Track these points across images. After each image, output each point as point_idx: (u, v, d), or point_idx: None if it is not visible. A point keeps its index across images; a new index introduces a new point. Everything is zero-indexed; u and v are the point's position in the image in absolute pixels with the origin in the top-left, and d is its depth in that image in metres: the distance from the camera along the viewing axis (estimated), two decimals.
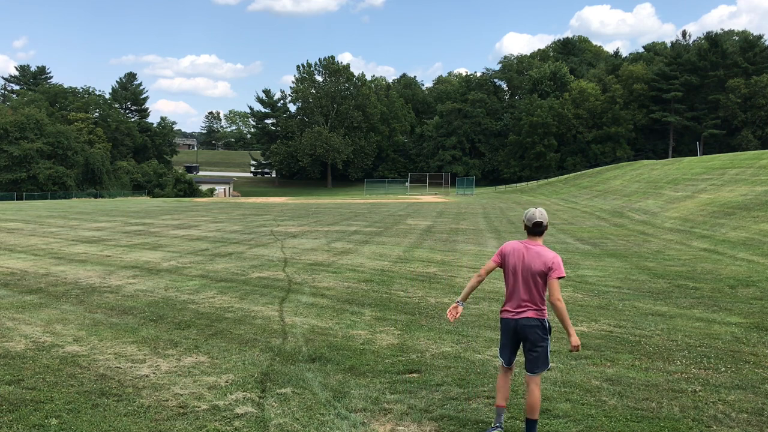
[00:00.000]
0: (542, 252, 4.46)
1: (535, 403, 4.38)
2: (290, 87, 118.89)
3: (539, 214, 4.53)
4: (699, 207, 25.04)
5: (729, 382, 5.64)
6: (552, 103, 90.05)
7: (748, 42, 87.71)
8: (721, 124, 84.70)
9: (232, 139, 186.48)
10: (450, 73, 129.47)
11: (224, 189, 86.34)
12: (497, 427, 4.47)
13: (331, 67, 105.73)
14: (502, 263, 4.58)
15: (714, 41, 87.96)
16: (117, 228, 23.44)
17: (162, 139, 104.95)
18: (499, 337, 4.66)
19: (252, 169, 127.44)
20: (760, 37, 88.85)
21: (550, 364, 4.68)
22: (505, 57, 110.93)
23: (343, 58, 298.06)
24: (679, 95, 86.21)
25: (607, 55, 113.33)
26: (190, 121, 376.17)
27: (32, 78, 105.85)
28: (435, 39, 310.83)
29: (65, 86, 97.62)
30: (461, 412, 4.91)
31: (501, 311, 4.62)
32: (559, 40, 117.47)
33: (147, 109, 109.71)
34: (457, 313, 4.64)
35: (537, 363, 4.41)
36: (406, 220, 27.41)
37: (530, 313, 4.42)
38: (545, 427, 4.63)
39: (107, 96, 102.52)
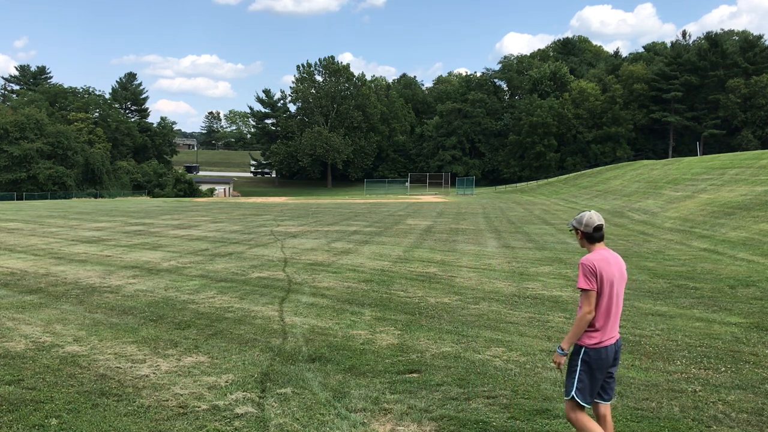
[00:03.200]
0: (620, 259, 4.00)
1: None
2: (290, 87, 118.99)
3: (597, 216, 3.97)
4: (699, 207, 25.03)
5: (729, 382, 5.64)
6: (552, 103, 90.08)
7: (748, 42, 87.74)
8: (721, 124, 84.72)
9: (232, 139, 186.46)
10: (450, 73, 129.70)
11: (224, 189, 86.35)
12: None
13: (331, 67, 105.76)
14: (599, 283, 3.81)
15: (714, 41, 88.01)
16: (117, 228, 23.44)
17: (162, 139, 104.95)
18: (579, 374, 3.84)
19: (252, 169, 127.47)
20: (760, 37, 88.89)
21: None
22: (505, 57, 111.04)
23: (344, 58, 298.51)
24: (679, 95, 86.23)
25: (607, 55, 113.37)
26: (190, 121, 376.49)
27: (32, 78, 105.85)
28: (436, 39, 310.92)
29: (65, 86, 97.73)
30: (461, 412, 4.91)
31: (595, 342, 3.81)
32: (559, 40, 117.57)
33: (147, 109, 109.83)
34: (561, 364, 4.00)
35: (614, 386, 4.07)
36: (406, 220, 27.40)
37: (619, 332, 3.97)
38: (545, 426, 4.63)
39: (107, 96, 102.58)
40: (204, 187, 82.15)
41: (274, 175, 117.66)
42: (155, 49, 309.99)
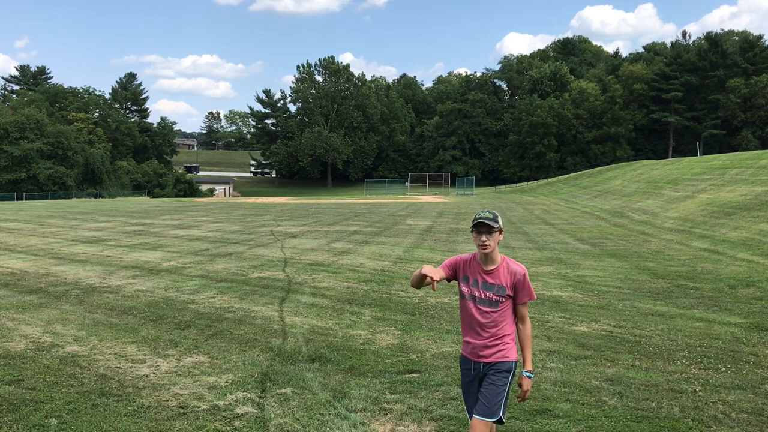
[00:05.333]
0: None
1: None
2: (290, 87, 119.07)
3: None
4: (699, 207, 25.04)
5: (729, 382, 5.64)
6: (552, 103, 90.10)
7: (748, 42, 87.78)
8: (721, 124, 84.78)
9: (232, 139, 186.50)
10: (450, 73, 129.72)
11: (224, 189, 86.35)
12: None
13: (330, 67, 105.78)
14: None
15: (714, 41, 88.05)
16: (117, 228, 23.44)
17: (162, 139, 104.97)
18: (507, 392, 3.54)
19: (252, 169, 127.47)
20: (760, 37, 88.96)
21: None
22: (505, 57, 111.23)
23: (345, 58, 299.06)
24: (679, 95, 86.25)
25: (607, 55, 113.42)
26: (190, 121, 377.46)
27: (32, 78, 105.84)
28: (436, 39, 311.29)
29: (65, 86, 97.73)
30: (461, 412, 4.90)
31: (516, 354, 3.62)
32: (559, 40, 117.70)
33: (147, 109, 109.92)
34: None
35: None
36: (406, 220, 27.40)
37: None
38: (545, 427, 4.63)
39: (107, 96, 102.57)
40: (204, 187, 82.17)
41: (274, 175, 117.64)
42: (156, 49, 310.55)
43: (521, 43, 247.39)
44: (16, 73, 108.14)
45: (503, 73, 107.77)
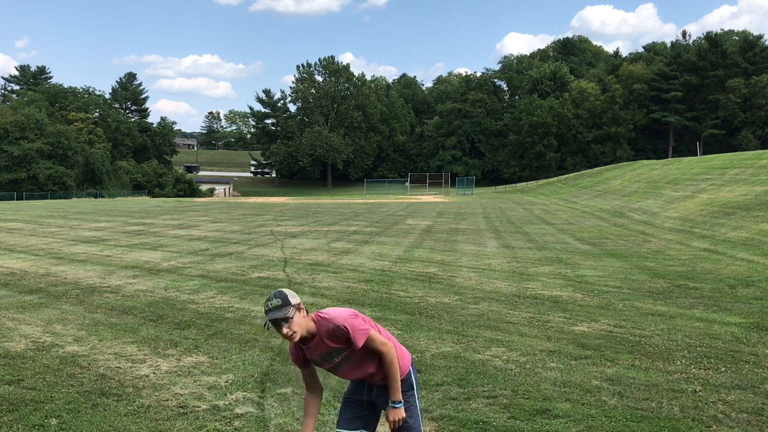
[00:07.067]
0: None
1: None
2: (290, 87, 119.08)
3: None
4: (699, 207, 25.03)
5: (729, 382, 5.63)
6: (552, 103, 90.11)
7: (748, 42, 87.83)
8: (721, 124, 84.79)
9: (232, 139, 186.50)
10: (450, 73, 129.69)
11: (224, 189, 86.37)
12: None
13: (330, 67, 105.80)
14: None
15: (714, 41, 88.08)
16: (117, 228, 23.44)
17: (162, 139, 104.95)
18: (418, 407, 3.44)
19: (252, 169, 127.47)
20: (760, 37, 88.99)
21: None
22: (505, 57, 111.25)
23: (345, 58, 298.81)
24: (679, 95, 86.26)
25: (607, 55, 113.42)
26: (190, 121, 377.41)
27: (32, 78, 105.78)
28: (437, 39, 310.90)
29: (65, 86, 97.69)
30: (461, 412, 4.91)
31: (409, 355, 3.40)
32: (559, 40, 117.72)
33: (147, 109, 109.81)
34: None
35: None
36: (406, 220, 27.40)
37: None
38: (545, 426, 4.63)
39: (107, 96, 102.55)
40: (204, 187, 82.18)
41: (274, 175, 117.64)
42: (156, 49, 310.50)
43: (521, 43, 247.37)
44: (16, 73, 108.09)
45: (503, 73, 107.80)
